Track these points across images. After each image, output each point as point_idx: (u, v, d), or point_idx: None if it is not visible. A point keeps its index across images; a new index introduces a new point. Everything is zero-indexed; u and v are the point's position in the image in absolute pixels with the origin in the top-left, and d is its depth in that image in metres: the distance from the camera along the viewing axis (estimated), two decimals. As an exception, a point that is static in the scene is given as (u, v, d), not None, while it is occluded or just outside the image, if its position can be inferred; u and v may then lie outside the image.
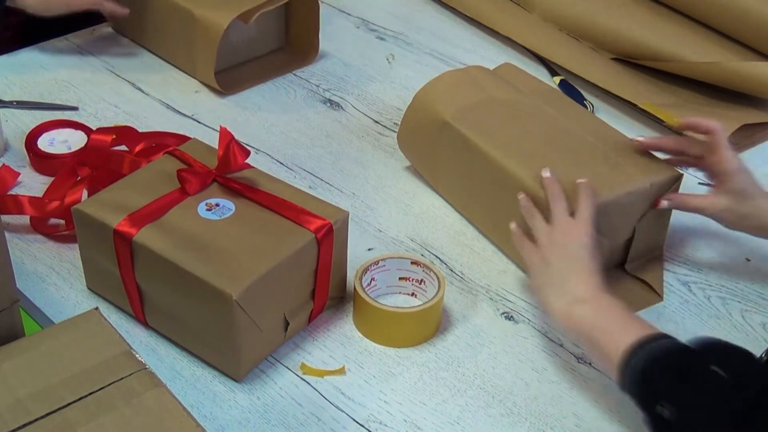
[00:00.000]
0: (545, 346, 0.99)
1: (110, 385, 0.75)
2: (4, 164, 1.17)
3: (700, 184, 1.25)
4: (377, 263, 1.00)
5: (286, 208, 0.95)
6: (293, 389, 0.92)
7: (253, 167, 1.02)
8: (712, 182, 1.05)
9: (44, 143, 1.20)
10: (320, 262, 0.94)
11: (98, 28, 1.52)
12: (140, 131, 1.24)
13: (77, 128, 1.23)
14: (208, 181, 0.98)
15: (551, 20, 1.59)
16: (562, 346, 0.99)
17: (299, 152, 1.27)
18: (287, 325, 0.94)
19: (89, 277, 1.01)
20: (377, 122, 1.34)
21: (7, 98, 1.33)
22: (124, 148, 1.20)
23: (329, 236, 0.94)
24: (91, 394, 0.74)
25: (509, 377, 0.95)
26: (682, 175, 1.06)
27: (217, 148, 1.01)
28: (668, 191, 1.05)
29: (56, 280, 1.03)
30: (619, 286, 1.03)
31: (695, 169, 1.08)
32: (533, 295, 0.97)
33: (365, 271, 0.99)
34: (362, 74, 1.46)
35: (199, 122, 1.32)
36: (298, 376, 0.94)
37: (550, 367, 0.96)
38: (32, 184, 1.17)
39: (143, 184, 0.98)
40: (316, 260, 0.94)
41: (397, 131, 1.22)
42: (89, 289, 1.01)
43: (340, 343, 0.97)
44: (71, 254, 1.06)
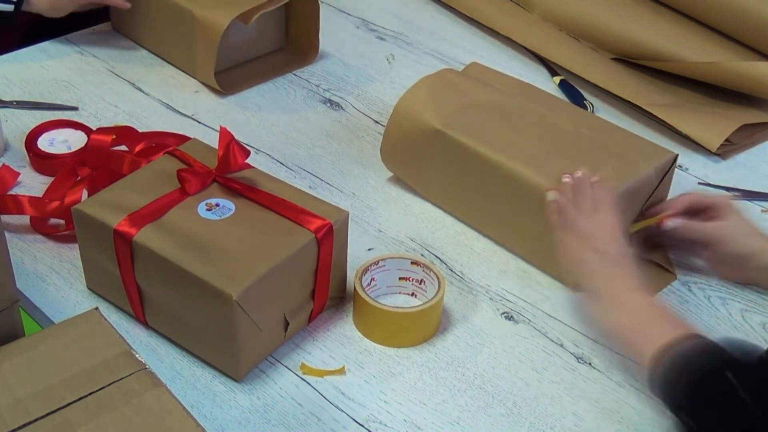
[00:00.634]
0: (545, 346, 0.99)
1: (110, 385, 0.75)
2: (4, 164, 1.17)
3: (700, 184, 1.26)
4: (377, 263, 1.00)
5: (286, 208, 0.95)
6: (293, 389, 0.92)
7: (253, 167, 1.02)
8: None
9: (44, 143, 1.20)
10: (320, 262, 0.94)
11: (98, 28, 1.52)
12: (140, 131, 1.24)
13: (77, 128, 1.23)
14: (208, 181, 0.98)
15: (551, 20, 1.59)
16: (562, 346, 0.99)
17: (299, 152, 1.27)
18: (287, 325, 0.94)
19: (89, 277, 1.01)
20: (377, 122, 1.34)
21: (7, 98, 1.33)
22: (124, 148, 1.19)
23: (329, 236, 0.94)
24: (91, 394, 0.74)
25: (509, 377, 0.95)
26: (677, 154, 1.08)
27: (217, 148, 1.01)
28: (667, 172, 1.07)
29: (56, 280, 1.03)
30: None
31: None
32: (574, 297, 0.98)
33: (365, 271, 0.99)
34: (362, 74, 1.46)
35: (199, 122, 1.32)
36: (298, 376, 0.94)
37: (550, 367, 0.96)
38: (32, 184, 1.17)
39: (143, 184, 0.98)
40: (316, 260, 0.94)
41: (376, 146, 1.19)
42: (89, 289, 1.01)
43: (340, 343, 0.97)
44: (71, 254, 1.06)
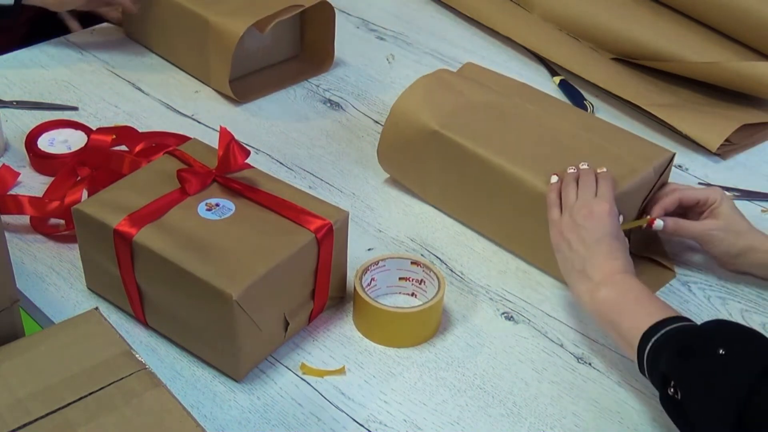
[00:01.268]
0: (545, 346, 0.99)
1: (110, 385, 0.75)
2: (4, 164, 1.17)
3: (699, 184, 1.26)
4: (377, 263, 1.00)
5: (286, 208, 0.95)
6: (293, 389, 0.92)
7: (253, 167, 1.02)
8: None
9: (44, 143, 1.20)
10: (320, 262, 0.94)
11: (98, 28, 1.52)
12: (140, 131, 1.24)
13: (77, 128, 1.23)
14: (208, 181, 0.98)
15: (551, 20, 1.59)
16: (562, 346, 0.99)
17: (299, 152, 1.27)
18: (287, 325, 0.94)
19: (89, 277, 1.01)
20: (377, 122, 1.34)
21: (7, 98, 1.33)
22: (124, 148, 1.19)
23: (329, 236, 0.94)
24: (91, 394, 0.74)
25: (509, 377, 0.95)
26: (674, 153, 1.08)
27: (217, 148, 1.01)
28: (665, 171, 1.07)
29: (56, 280, 1.03)
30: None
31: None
32: (561, 271, 0.97)
33: (365, 271, 0.99)
34: (362, 74, 1.46)
35: (199, 122, 1.32)
36: (298, 376, 0.94)
37: (550, 367, 0.96)
38: (32, 184, 1.17)
39: (143, 184, 0.98)
40: (316, 260, 0.94)
41: (376, 146, 1.19)
42: (89, 289, 1.01)
43: (340, 343, 0.97)
44: (71, 254, 1.06)
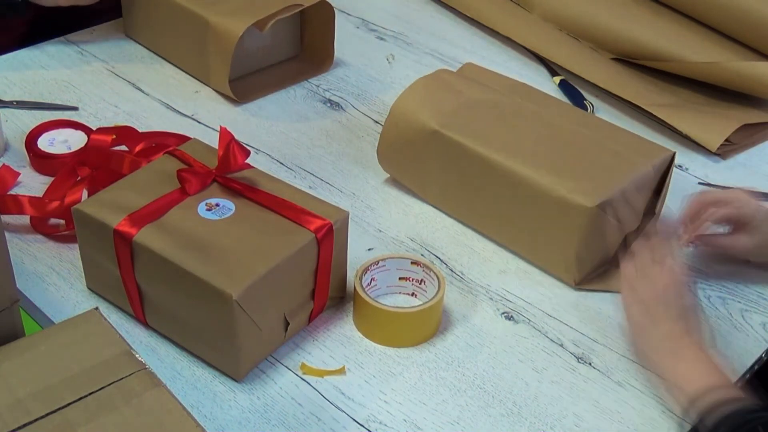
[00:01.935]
0: (545, 346, 0.99)
1: (110, 385, 0.75)
2: (4, 164, 1.16)
3: (699, 183, 1.26)
4: (377, 263, 1.00)
5: (286, 208, 0.95)
6: (293, 389, 0.92)
7: (253, 167, 1.02)
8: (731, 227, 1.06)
9: (44, 143, 1.20)
10: (320, 262, 0.94)
11: (98, 28, 1.52)
12: (140, 131, 1.24)
13: (77, 128, 1.23)
14: (208, 181, 0.98)
15: (551, 20, 1.59)
16: (562, 346, 0.99)
17: (299, 152, 1.27)
18: (287, 325, 0.94)
19: (89, 277, 1.01)
20: (377, 122, 1.34)
21: (7, 98, 1.33)
22: (124, 148, 1.19)
23: (329, 236, 0.94)
24: (91, 394, 0.74)
25: (509, 377, 0.95)
26: (674, 152, 1.09)
27: (217, 148, 1.01)
28: (666, 170, 1.08)
29: (56, 280, 1.03)
30: None
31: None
32: (629, 339, 0.99)
33: (365, 271, 0.99)
34: (362, 74, 1.46)
35: (199, 122, 1.32)
36: (298, 376, 0.94)
37: (550, 367, 0.96)
38: (32, 184, 1.17)
39: (143, 184, 0.98)
40: (316, 260, 0.94)
41: (376, 146, 1.19)
42: (89, 289, 1.01)
43: (340, 343, 0.97)
44: (71, 254, 1.06)
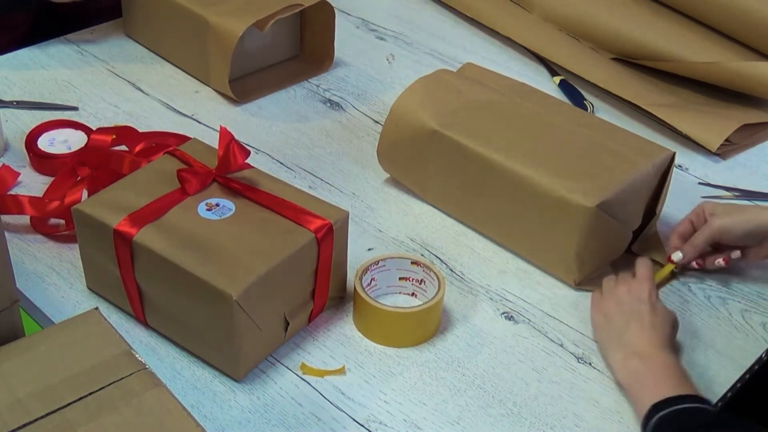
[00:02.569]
0: (545, 346, 0.99)
1: (110, 385, 0.75)
2: (4, 164, 1.16)
3: (699, 184, 1.26)
4: (377, 263, 1.00)
5: (286, 208, 0.95)
6: (293, 389, 0.92)
7: (253, 167, 1.02)
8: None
9: (44, 143, 1.20)
10: (320, 262, 0.94)
11: (98, 28, 1.52)
12: (140, 131, 1.24)
13: (77, 128, 1.23)
14: (208, 181, 0.98)
15: (551, 20, 1.59)
16: (562, 346, 0.99)
17: (299, 152, 1.27)
18: (287, 325, 0.94)
19: (89, 277, 1.01)
20: (377, 122, 1.34)
21: (7, 98, 1.33)
22: (124, 148, 1.19)
23: (329, 236, 0.94)
24: (91, 394, 0.74)
25: (509, 377, 0.95)
26: (674, 152, 1.09)
27: (217, 148, 1.01)
28: (666, 170, 1.08)
29: (56, 280, 1.03)
30: (632, 269, 1.04)
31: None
32: (598, 346, 0.99)
33: (365, 271, 0.99)
34: (362, 74, 1.46)
35: (199, 122, 1.32)
36: (298, 376, 0.94)
37: (550, 367, 0.96)
38: (32, 184, 1.17)
39: (143, 184, 0.98)
40: (316, 260, 0.94)
41: (376, 146, 1.19)
42: (89, 289, 1.01)
43: (340, 343, 0.97)
44: (71, 254, 1.06)
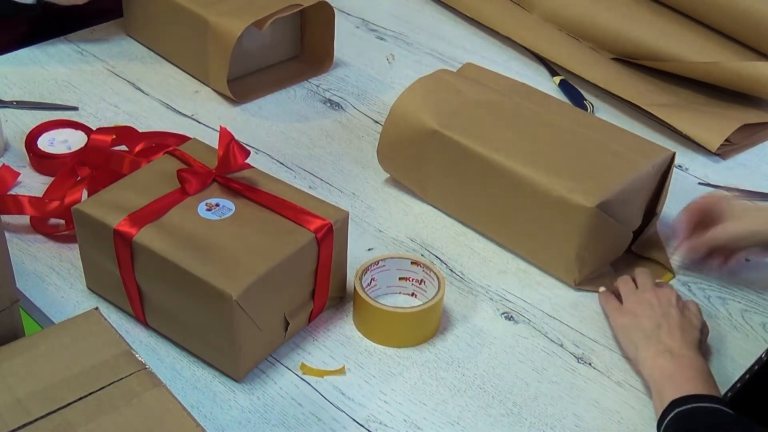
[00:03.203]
0: (545, 346, 0.99)
1: (110, 385, 0.75)
2: (4, 164, 1.17)
3: (699, 184, 1.26)
4: (377, 263, 1.00)
5: (286, 208, 0.95)
6: (293, 389, 0.92)
7: (253, 167, 1.02)
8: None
9: (44, 143, 1.20)
10: (320, 262, 0.94)
11: (98, 28, 1.52)
12: (140, 131, 1.24)
13: (77, 128, 1.23)
14: (208, 181, 0.98)
15: (551, 20, 1.59)
16: (562, 346, 0.99)
17: (299, 152, 1.27)
18: (287, 325, 0.94)
19: (89, 277, 1.01)
20: (377, 122, 1.34)
21: (7, 98, 1.33)
22: (124, 148, 1.19)
23: (329, 236, 0.94)
24: (91, 394, 0.74)
25: (509, 377, 0.95)
26: (674, 153, 1.09)
27: (217, 148, 1.01)
28: (666, 170, 1.08)
29: (56, 280, 1.03)
30: (631, 269, 1.04)
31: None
32: (622, 349, 0.98)
33: (365, 271, 0.99)
34: (362, 74, 1.46)
35: (199, 122, 1.32)
36: (298, 376, 0.94)
37: (550, 367, 0.96)
38: (32, 184, 1.17)
39: (143, 184, 0.98)
40: (316, 260, 0.94)
41: (376, 146, 1.19)
42: (89, 289, 1.01)
43: (340, 343, 0.97)
44: (71, 254, 1.06)
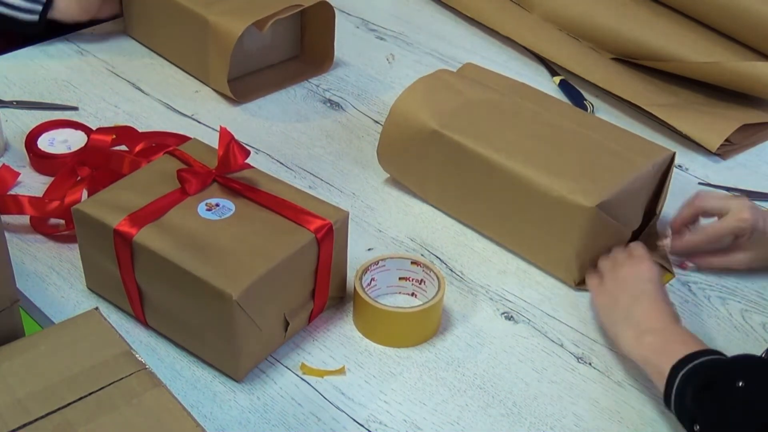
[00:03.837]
0: (545, 346, 0.99)
1: (110, 385, 0.75)
2: (4, 164, 1.17)
3: (699, 184, 1.26)
4: (377, 263, 1.00)
5: (286, 208, 0.95)
6: (293, 389, 0.92)
7: (253, 167, 1.02)
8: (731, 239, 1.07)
9: (44, 143, 1.20)
10: (320, 262, 0.94)
11: (98, 28, 1.52)
12: (140, 131, 1.24)
13: (77, 128, 1.23)
14: (208, 181, 0.98)
15: (551, 20, 1.59)
16: (562, 346, 0.99)
17: (299, 152, 1.27)
18: (287, 325, 0.94)
19: (89, 277, 1.01)
20: (377, 122, 1.34)
21: (7, 98, 1.33)
22: (124, 148, 1.19)
23: (329, 236, 0.94)
24: (91, 394, 0.74)
25: (509, 377, 0.95)
26: (674, 152, 1.09)
27: (217, 148, 1.01)
28: (666, 170, 1.08)
29: (56, 280, 1.03)
30: None
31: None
32: (603, 330, 0.99)
33: (365, 271, 0.99)
34: (362, 74, 1.46)
35: (199, 122, 1.32)
36: (298, 376, 0.94)
37: (550, 367, 0.96)
38: (32, 184, 1.17)
39: (143, 184, 0.98)
40: (316, 260, 0.94)
41: (377, 146, 1.19)
42: (89, 289, 1.01)
43: (340, 343, 0.97)
44: (71, 254, 1.06)
